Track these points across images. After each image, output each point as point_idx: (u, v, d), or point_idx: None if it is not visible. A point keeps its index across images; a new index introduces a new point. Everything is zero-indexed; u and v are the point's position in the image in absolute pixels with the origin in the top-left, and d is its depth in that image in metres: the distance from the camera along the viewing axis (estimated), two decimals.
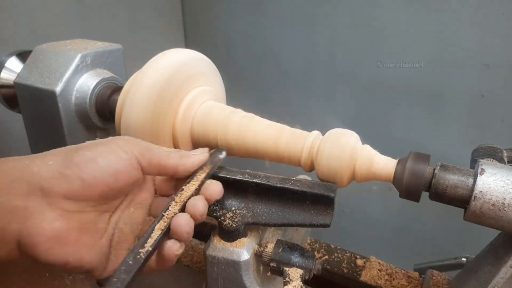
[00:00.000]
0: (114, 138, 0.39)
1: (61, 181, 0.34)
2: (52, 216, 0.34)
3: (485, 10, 0.98)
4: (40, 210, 0.33)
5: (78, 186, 0.34)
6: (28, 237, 0.33)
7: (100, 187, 0.36)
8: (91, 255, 0.36)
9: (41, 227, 0.33)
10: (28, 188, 0.33)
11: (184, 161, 0.41)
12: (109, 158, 0.36)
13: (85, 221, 0.36)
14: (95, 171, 0.35)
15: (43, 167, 0.34)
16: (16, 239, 0.33)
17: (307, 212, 0.44)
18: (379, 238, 1.34)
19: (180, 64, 0.50)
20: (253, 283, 0.46)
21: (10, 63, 0.69)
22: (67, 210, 0.34)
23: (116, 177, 0.36)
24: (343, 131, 0.47)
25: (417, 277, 0.62)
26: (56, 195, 0.34)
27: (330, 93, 1.28)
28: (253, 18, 1.34)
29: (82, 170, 0.35)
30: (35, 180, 0.33)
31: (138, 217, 0.41)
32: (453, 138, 1.12)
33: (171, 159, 0.40)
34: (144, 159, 0.39)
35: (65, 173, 0.34)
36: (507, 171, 0.39)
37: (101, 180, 0.35)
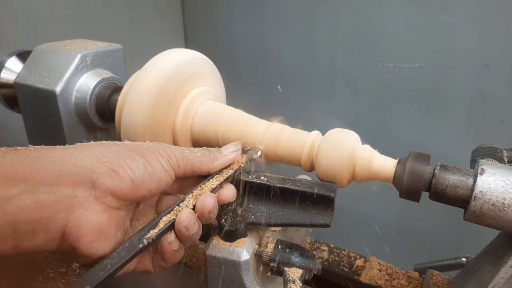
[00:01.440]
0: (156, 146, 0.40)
1: (114, 179, 0.35)
2: (99, 209, 0.35)
3: (485, 10, 0.98)
4: (88, 202, 0.34)
5: (127, 187, 0.36)
6: (74, 227, 0.33)
7: (145, 191, 0.37)
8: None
9: (89, 219, 0.34)
10: (79, 179, 0.34)
11: (215, 165, 0.43)
12: (155, 166, 0.38)
13: (119, 217, 0.37)
14: (144, 176, 0.37)
15: (96, 163, 0.35)
16: (61, 229, 0.33)
17: (307, 212, 0.44)
18: (379, 238, 1.34)
19: (180, 64, 0.50)
20: (253, 283, 0.46)
21: (10, 63, 0.69)
22: (110, 205, 0.36)
23: (158, 184, 0.38)
24: (343, 131, 0.47)
25: (417, 277, 0.62)
26: (105, 191, 0.35)
27: (330, 93, 1.28)
28: (253, 18, 1.34)
29: (135, 172, 0.36)
30: (87, 173, 0.35)
31: (150, 216, 0.42)
32: (453, 138, 1.12)
33: (204, 166, 0.42)
34: (180, 169, 0.40)
35: (119, 172, 0.36)
36: (507, 171, 0.39)
37: (148, 185, 0.37)
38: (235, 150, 0.44)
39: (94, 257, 0.35)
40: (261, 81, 1.40)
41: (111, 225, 0.36)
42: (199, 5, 1.43)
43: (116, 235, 0.37)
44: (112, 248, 0.36)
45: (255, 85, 1.41)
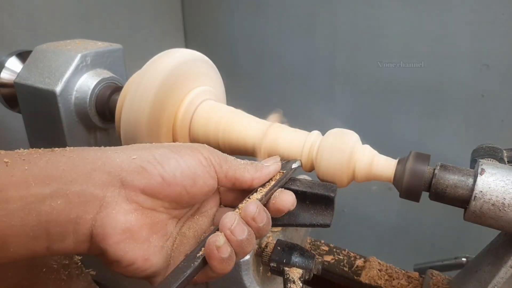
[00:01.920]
0: (196, 144, 0.39)
1: (143, 175, 0.34)
2: (127, 209, 0.34)
3: (485, 10, 0.98)
4: (116, 201, 0.33)
5: (157, 183, 0.34)
6: (101, 227, 0.33)
7: (178, 189, 0.35)
8: (157, 257, 0.35)
9: (115, 218, 0.33)
10: (108, 179, 0.33)
11: (259, 175, 0.40)
12: (190, 161, 0.36)
13: (157, 220, 0.36)
14: (175, 171, 0.35)
15: (126, 160, 0.34)
16: (89, 229, 0.33)
17: (307, 212, 0.44)
18: (379, 238, 1.34)
19: (180, 64, 0.50)
20: (253, 283, 0.46)
21: (10, 63, 0.69)
22: (143, 205, 0.35)
23: (194, 181, 0.36)
24: (343, 131, 0.47)
25: (417, 277, 0.62)
26: (135, 189, 0.34)
27: (330, 93, 1.28)
28: (253, 18, 1.34)
29: (164, 167, 0.35)
30: (116, 172, 0.34)
31: (202, 224, 0.40)
32: (453, 138, 1.12)
33: (247, 173, 0.40)
34: (222, 170, 0.38)
35: (147, 168, 0.34)
36: (507, 171, 0.39)
37: (180, 181, 0.35)
38: (275, 162, 0.43)
39: (124, 262, 0.33)
40: (261, 81, 1.40)
41: (142, 226, 0.34)
42: (199, 5, 1.43)
43: (149, 238, 0.35)
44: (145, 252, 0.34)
45: (255, 85, 1.41)
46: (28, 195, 0.31)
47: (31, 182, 0.31)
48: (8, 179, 0.30)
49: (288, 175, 0.43)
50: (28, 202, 0.31)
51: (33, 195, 0.31)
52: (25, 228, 0.31)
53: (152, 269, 0.35)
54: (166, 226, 0.37)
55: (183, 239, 0.38)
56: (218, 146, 0.51)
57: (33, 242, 0.31)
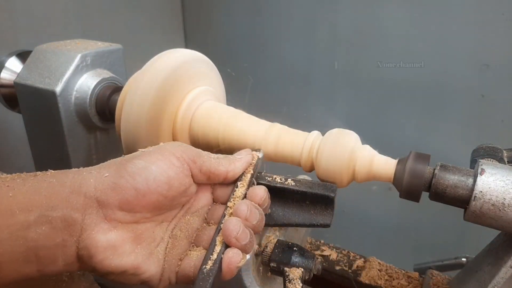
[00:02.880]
0: (166, 144, 0.39)
1: (116, 191, 0.34)
2: (106, 228, 0.34)
3: (485, 10, 0.98)
4: (95, 222, 0.34)
5: (132, 196, 0.34)
6: (84, 249, 0.33)
7: (154, 196, 0.36)
8: (148, 264, 0.36)
9: (96, 239, 0.33)
10: (85, 201, 0.34)
11: (232, 167, 0.41)
12: (161, 165, 0.36)
13: (140, 231, 0.36)
14: (148, 180, 0.35)
15: (99, 179, 0.35)
16: (75, 251, 0.34)
17: (307, 212, 0.44)
18: (379, 238, 1.34)
19: (180, 64, 0.50)
20: (253, 283, 0.46)
21: (10, 63, 0.69)
22: (122, 221, 0.35)
23: (169, 185, 0.36)
24: (343, 131, 0.47)
25: (417, 277, 0.62)
26: (112, 206, 0.34)
27: (330, 93, 1.28)
28: (253, 18, 1.34)
29: (136, 179, 0.35)
30: (91, 193, 0.34)
31: (193, 223, 0.40)
32: (453, 138, 1.12)
33: (221, 166, 0.40)
34: (195, 166, 0.38)
35: (119, 183, 0.34)
36: (507, 171, 0.39)
37: (154, 188, 0.35)
38: (247, 154, 0.43)
39: (115, 272, 0.34)
40: (261, 81, 1.40)
41: (124, 240, 0.35)
42: (199, 5, 1.43)
43: (135, 249, 0.35)
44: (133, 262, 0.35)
45: (255, 85, 1.41)
46: (14, 223, 0.32)
47: (15, 210, 0.32)
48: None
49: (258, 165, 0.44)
50: (15, 230, 0.31)
51: (18, 223, 0.32)
52: (14, 254, 0.32)
53: (146, 275, 0.36)
54: (154, 234, 0.37)
55: (175, 241, 0.39)
56: (218, 147, 0.51)
57: (24, 267, 0.32)
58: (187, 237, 0.39)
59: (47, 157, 0.65)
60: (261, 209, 0.39)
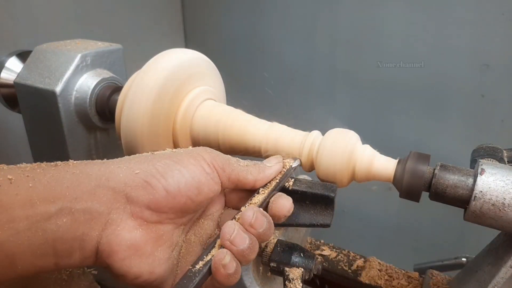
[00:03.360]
0: (197, 149, 0.39)
1: (147, 190, 0.34)
2: (132, 225, 0.34)
3: (485, 10, 0.98)
4: (122, 218, 0.33)
5: (162, 197, 0.34)
6: (106, 244, 0.33)
7: (183, 199, 0.35)
8: (163, 268, 0.35)
9: (121, 235, 0.33)
10: (113, 195, 0.33)
11: (261, 176, 0.40)
12: (193, 170, 0.36)
13: (162, 232, 0.36)
14: (180, 183, 0.35)
15: (129, 175, 0.34)
16: (95, 246, 0.33)
17: (307, 212, 0.44)
18: (379, 238, 1.34)
19: (180, 64, 0.50)
20: (253, 283, 0.46)
21: (10, 63, 0.69)
22: (148, 220, 0.34)
23: (199, 190, 0.36)
24: (343, 131, 0.47)
25: (417, 277, 0.62)
26: (140, 205, 0.34)
27: (330, 93, 1.28)
28: (253, 18, 1.33)
29: (168, 180, 0.34)
30: (120, 188, 0.33)
31: (207, 228, 0.40)
32: (453, 138, 1.12)
33: (250, 175, 0.40)
34: (225, 174, 0.38)
35: (151, 183, 0.34)
36: (507, 171, 0.39)
37: (185, 192, 0.35)
38: (277, 162, 0.43)
39: (130, 276, 0.34)
40: (261, 81, 1.40)
41: (147, 241, 0.34)
42: (199, 5, 1.43)
43: (154, 252, 0.35)
44: (150, 266, 0.34)
45: (255, 85, 1.41)
46: (34, 214, 0.31)
47: (36, 201, 0.31)
48: (13, 198, 0.30)
49: (288, 175, 0.43)
50: (34, 221, 0.30)
51: (38, 214, 0.31)
52: (32, 246, 0.31)
53: (159, 281, 0.35)
54: (172, 237, 0.37)
55: (188, 246, 0.38)
56: (218, 146, 0.51)
57: (40, 260, 0.31)
58: (200, 243, 0.39)
59: (47, 157, 0.65)
60: (270, 218, 0.38)
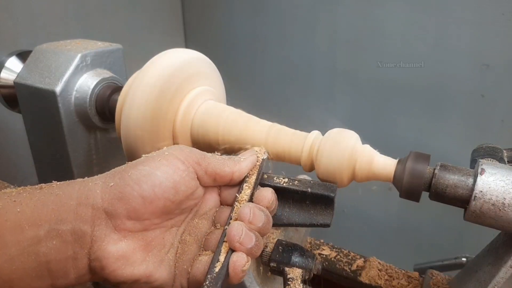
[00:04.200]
0: (170, 148, 0.38)
1: (123, 201, 0.34)
2: (117, 238, 0.34)
3: (485, 10, 0.98)
4: (105, 233, 0.34)
5: (139, 204, 0.34)
6: (96, 260, 0.33)
7: (161, 202, 0.35)
8: (160, 271, 0.36)
9: (107, 250, 0.33)
10: (93, 213, 0.34)
11: (238, 167, 0.40)
12: (166, 171, 0.36)
13: (150, 238, 0.36)
14: (154, 186, 0.35)
15: (105, 189, 0.34)
16: (87, 263, 0.34)
17: (307, 212, 0.44)
18: (379, 238, 1.34)
19: (180, 64, 0.50)
20: (253, 283, 0.46)
21: (10, 63, 0.69)
22: (132, 230, 0.35)
23: (175, 189, 0.36)
24: (343, 131, 0.47)
25: (417, 277, 0.62)
26: (120, 216, 0.34)
27: (330, 93, 1.28)
28: (253, 18, 1.34)
29: (142, 186, 0.34)
30: (98, 204, 0.34)
31: (202, 227, 0.40)
32: (453, 138, 1.12)
33: (226, 167, 0.40)
34: (201, 168, 0.38)
35: (125, 192, 0.34)
36: (507, 171, 0.39)
37: (161, 194, 0.35)
38: (251, 154, 0.43)
39: (128, 282, 0.34)
40: (261, 81, 1.40)
41: (135, 250, 0.34)
42: (199, 5, 1.43)
43: (146, 257, 0.35)
44: (145, 271, 0.35)
45: (255, 85, 1.41)
46: (24, 238, 0.31)
47: (24, 225, 0.32)
48: (3, 224, 0.31)
49: (262, 166, 0.43)
50: (26, 246, 0.31)
51: (28, 239, 0.32)
52: (27, 270, 0.31)
53: (159, 282, 0.36)
54: (164, 240, 0.37)
55: (184, 246, 0.38)
56: (218, 147, 0.51)
57: (37, 282, 0.32)
58: (196, 242, 0.39)
59: (47, 157, 0.65)
60: (267, 211, 0.38)
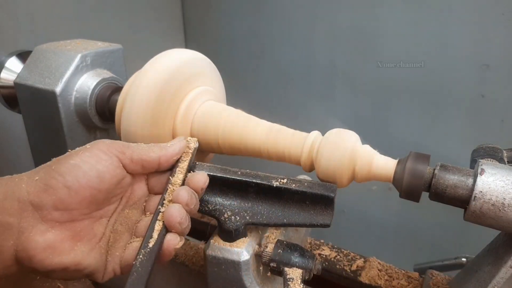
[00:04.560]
0: (94, 142, 0.40)
1: (48, 192, 0.35)
2: (43, 228, 0.35)
3: (485, 10, 0.98)
4: (32, 225, 0.35)
5: (65, 194, 0.35)
6: (23, 251, 0.34)
7: (87, 191, 0.37)
8: (89, 259, 0.37)
9: (34, 240, 0.34)
10: (19, 206, 0.35)
11: (164, 152, 0.42)
12: (89, 161, 0.37)
13: (79, 229, 0.37)
14: (78, 176, 0.36)
15: (30, 183, 0.36)
16: (13, 254, 0.34)
17: (307, 212, 0.44)
18: (379, 238, 1.34)
19: (180, 64, 0.50)
20: (253, 283, 0.46)
21: (10, 63, 0.69)
22: (59, 220, 0.36)
23: (100, 179, 0.37)
24: (343, 131, 0.47)
25: (417, 277, 0.62)
26: (46, 208, 0.35)
27: (330, 93, 1.28)
28: (253, 18, 1.33)
29: (66, 178, 0.36)
30: (24, 197, 0.35)
31: (133, 216, 0.42)
32: (453, 138, 1.12)
33: (152, 152, 0.41)
34: (125, 156, 0.39)
35: (50, 184, 0.35)
36: (507, 171, 0.39)
37: (86, 183, 0.36)
38: (179, 140, 0.44)
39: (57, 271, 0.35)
40: (261, 81, 1.40)
41: (63, 239, 0.36)
42: (199, 5, 1.43)
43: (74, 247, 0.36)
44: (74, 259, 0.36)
45: (255, 85, 1.41)
46: None
47: None
48: None
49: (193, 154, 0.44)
50: None
51: None
52: None
53: (88, 269, 0.37)
54: (93, 230, 0.38)
55: (116, 235, 0.40)
56: (218, 147, 0.51)
57: None
58: (128, 230, 0.41)
59: (47, 157, 0.65)
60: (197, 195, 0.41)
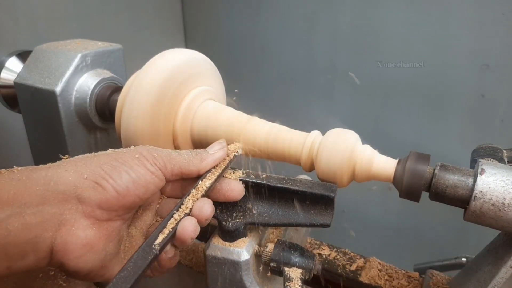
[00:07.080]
0: (138, 149, 0.40)
1: (97, 191, 0.36)
2: (85, 224, 0.35)
3: (485, 10, 0.98)
4: (75, 218, 0.35)
5: (112, 197, 0.36)
6: (61, 244, 0.34)
7: (132, 198, 0.37)
8: (113, 263, 0.37)
9: (76, 234, 0.34)
10: (63, 197, 0.35)
11: (204, 165, 0.42)
12: (138, 170, 0.38)
13: (112, 229, 0.37)
14: (128, 183, 0.37)
15: (78, 178, 0.36)
16: (49, 246, 0.34)
17: (307, 212, 0.44)
18: (379, 238, 1.34)
19: (180, 64, 0.50)
20: (253, 283, 0.46)
21: (10, 63, 0.69)
22: (99, 218, 0.36)
23: (146, 189, 0.38)
24: (343, 131, 0.47)
25: (417, 277, 0.62)
26: (92, 204, 0.35)
27: (330, 93, 1.28)
28: (253, 18, 1.33)
29: (117, 181, 0.37)
30: (71, 190, 0.35)
31: (147, 219, 0.42)
32: (453, 138, 1.12)
33: (192, 166, 0.42)
34: (167, 170, 0.40)
35: (101, 184, 0.36)
36: (507, 171, 0.39)
37: (133, 191, 0.37)
38: (220, 148, 0.45)
39: (82, 272, 0.35)
40: (261, 81, 1.40)
41: (100, 238, 0.36)
42: (199, 5, 1.43)
43: (106, 248, 0.37)
44: (102, 261, 0.36)
45: (255, 85, 1.41)
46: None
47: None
48: None
49: (232, 161, 0.44)
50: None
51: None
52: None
53: (108, 274, 0.37)
54: (120, 231, 0.39)
55: (131, 239, 0.41)
56: None
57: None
58: (142, 234, 0.41)
59: (47, 157, 0.65)
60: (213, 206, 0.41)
